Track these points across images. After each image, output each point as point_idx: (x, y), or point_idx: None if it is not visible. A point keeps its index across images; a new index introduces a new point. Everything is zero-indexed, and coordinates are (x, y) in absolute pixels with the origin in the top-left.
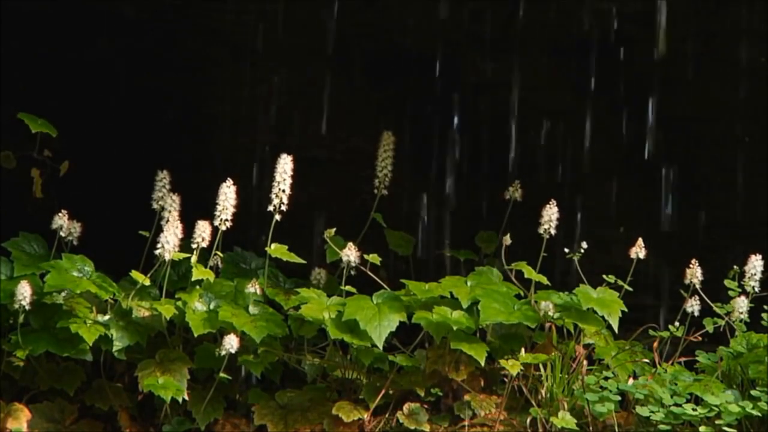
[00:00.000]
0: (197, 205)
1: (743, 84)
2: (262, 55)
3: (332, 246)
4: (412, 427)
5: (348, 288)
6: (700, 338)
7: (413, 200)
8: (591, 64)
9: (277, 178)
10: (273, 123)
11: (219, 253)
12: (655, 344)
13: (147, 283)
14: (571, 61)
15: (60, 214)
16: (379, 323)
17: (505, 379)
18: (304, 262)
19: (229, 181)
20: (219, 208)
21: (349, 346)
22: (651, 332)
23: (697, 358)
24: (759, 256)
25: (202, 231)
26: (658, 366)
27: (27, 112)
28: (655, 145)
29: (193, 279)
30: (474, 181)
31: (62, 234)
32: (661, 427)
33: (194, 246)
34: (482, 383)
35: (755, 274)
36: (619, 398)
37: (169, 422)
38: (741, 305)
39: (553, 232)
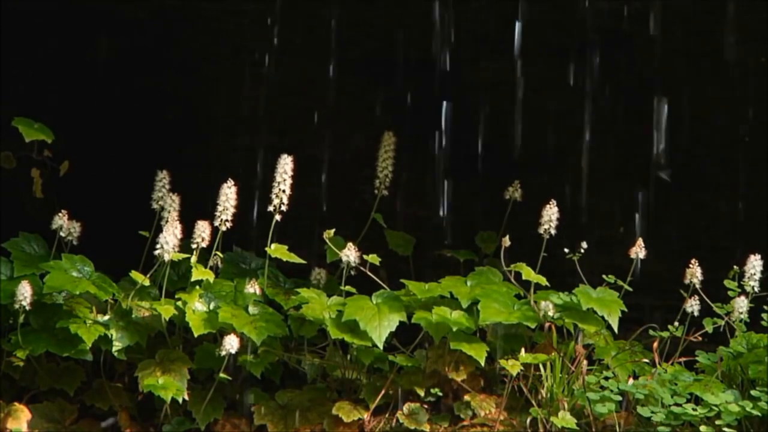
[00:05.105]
0: (197, 205)
1: (743, 84)
2: (262, 55)
3: (332, 246)
4: (412, 427)
5: (348, 288)
6: (700, 338)
7: (413, 200)
8: (591, 64)
9: (278, 178)
10: (273, 123)
11: (219, 253)
12: (655, 344)
13: (147, 283)
14: (571, 61)
15: (60, 214)
16: (379, 323)
17: (505, 379)
18: (304, 262)
19: (230, 182)
20: (219, 208)
21: (349, 346)
22: (651, 332)
23: (697, 358)
24: (759, 256)
25: (202, 231)
26: (658, 366)
27: (27, 112)
28: (655, 145)
29: (192, 279)
30: (474, 181)
31: (62, 234)
32: (661, 427)
33: (194, 246)
34: (482, 383)
35: (755, 274)
36: (620, 398)
37: (169, 422)
38: (741, 305)
39: (553, 232)
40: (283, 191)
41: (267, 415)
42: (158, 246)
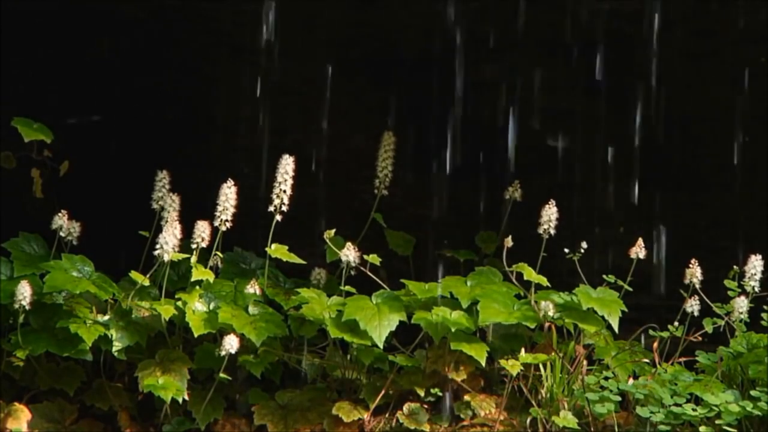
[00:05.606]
0: (197, 205)
1: (743, 84)
2: (261, 54)
3: (332, 246)
4: (412, 427)
5: (348, 288)
6: (700, 338)
7: (413, 200)
8: (591, 64)
9: (278, 178)
10: (273, 123)
11: (219, 253)
12: (655, 344)
13: (146, 283)
14: (571, 61)
15: (60, 214)
16: (379, 323)
17: (505, 379)
18: (303, 262)
19: (230, 182)
20: (219, 208)
21: (349, 346)
22: (651, 332)
23: (697, 358)
24: (759, 256)
25: (202, 231)
26: (658, 366)
27: (27, 112)
28: (655, 144)
29: (192, 279)
30: (474, 181)
31: (62, 234)
32: (661, 427)
33: (194, 246)
34: (482, 383)
35: (755, 274)
36: (619, 398)
37: (169, 422)
38: (741, 305)
39: (552, 232)
40: (284, 191)
41: (267, 415)
42: (158, 246)
